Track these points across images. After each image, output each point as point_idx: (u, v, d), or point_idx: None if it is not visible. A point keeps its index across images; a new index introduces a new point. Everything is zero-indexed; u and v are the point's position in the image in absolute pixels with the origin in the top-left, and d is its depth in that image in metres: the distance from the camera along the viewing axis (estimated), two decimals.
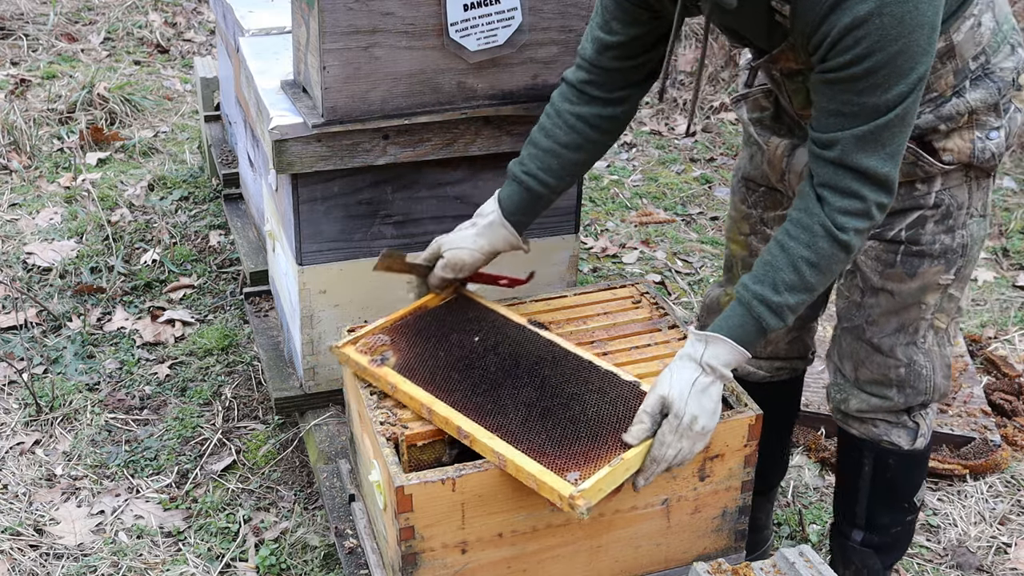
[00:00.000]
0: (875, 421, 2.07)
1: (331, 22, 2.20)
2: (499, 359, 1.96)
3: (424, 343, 2.01)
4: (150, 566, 2.41)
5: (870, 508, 2.16)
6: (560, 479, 1.69)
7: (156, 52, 5.46)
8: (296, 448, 2.74)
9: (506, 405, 1.85)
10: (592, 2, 2.36)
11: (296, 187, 2.40)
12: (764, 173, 2.09)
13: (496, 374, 1.92)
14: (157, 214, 3.80)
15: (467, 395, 1.88)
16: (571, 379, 1.91)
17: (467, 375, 1.92)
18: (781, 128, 2.00)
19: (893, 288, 1.94)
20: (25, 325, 3.21)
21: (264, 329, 2.99)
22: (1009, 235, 3.95)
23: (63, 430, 2.82)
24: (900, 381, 2.02)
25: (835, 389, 2.11)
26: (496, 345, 1.99)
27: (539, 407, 1.84)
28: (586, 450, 1.74)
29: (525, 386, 1.89)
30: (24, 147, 4.24)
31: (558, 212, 2.61)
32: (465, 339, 2.01)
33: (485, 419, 1.82)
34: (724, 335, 1.73)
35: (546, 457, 1.74)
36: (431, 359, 1.97)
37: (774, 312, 1.72)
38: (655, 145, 4.67)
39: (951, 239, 1.90)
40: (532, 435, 1.78)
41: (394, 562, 1.90)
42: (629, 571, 2.01)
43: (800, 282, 1.70)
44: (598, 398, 1.85)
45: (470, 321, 2.06)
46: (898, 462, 2.09)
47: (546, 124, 1.99)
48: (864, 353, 2.02)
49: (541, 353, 1.97)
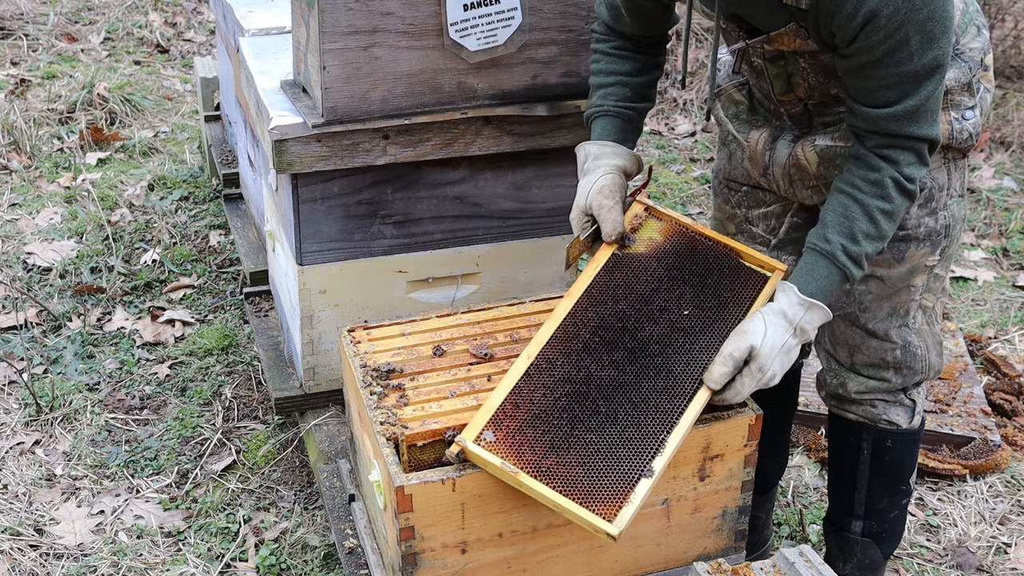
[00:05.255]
0: (873, 401, 2.10)
1: (331, 22, 2.20)
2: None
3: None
4: (150, 566, 2.41)
5: (870, 494, 2.18)
6: (600, 519, 1.67)
7: (156, 52, 5.46)
8: (296, 448, 2.74)
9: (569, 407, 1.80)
10: (592, 2, 2.36)
11: (296, 187, 2.40)
12: (745, 171, 2.10)
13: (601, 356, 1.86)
14: (157, 214, 3.80)
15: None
16: (636, 384, 1.84)
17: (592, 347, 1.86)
18: (758, 120, 2.02)
19: (883, 274, 1.98)
20: (25, 325, 3.21)
21: (264, 329, 2.99)
22: (1009, 235, 3.95)
23: (63, 430, 2.82)
24: (897, 363, 2.05)
25: (831, 375, 2.13)
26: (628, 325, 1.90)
27: (592, 419, 1.79)
28: (612, 482, 1.72)
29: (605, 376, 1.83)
30: (24, 147, 4.24)
31: (558, 212, 2.61)
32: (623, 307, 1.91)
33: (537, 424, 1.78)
34: (820, 299, 1.78)
35: (578, 491, 1.71)
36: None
37: (855, 261, 1.78)
38: (655, 145, 4.67)
39: (934, 221, 1.94)
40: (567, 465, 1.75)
41: (394, 562, 1.90)
42: (629, 571, 2.01)
43: (876, 231, 1.76)
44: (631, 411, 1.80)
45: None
46: (896, 442, 2.12)
47: (601, 66, 2.04)
48: (859, 339, 2.05)
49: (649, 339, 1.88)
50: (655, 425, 1.76)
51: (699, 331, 1.86)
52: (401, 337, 2.12)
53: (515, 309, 2.21)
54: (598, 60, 2.05)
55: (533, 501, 1.84)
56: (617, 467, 1.72)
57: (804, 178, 1.96)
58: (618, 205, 1.94)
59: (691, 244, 1.97)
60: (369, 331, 2.15)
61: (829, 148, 1.90)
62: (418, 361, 2.05)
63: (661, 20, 1.99)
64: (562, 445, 1.74)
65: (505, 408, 1.79)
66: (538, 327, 2.14)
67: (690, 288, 1.91)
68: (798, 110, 1.94)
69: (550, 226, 2.63)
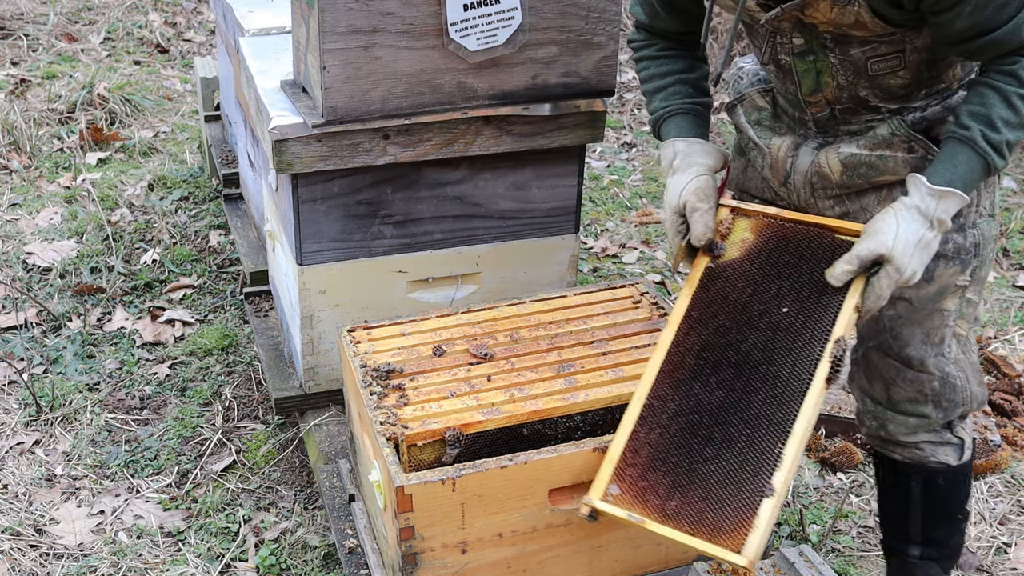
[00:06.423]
0: (919, 444, 1.98)
1: (331, 22, 2.20)
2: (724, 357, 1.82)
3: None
4: (150, 566, 2.41)
5: (925, 526, 2.07)
6: (729, 552, 1.64)
7: (156, 52, 5.46)
8: (296, 448, 2.74)
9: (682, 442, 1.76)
10: (592, 2, 2.36)
11: (296, 187, 2.40)
12: (760, 183, 2.04)
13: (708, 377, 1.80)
14: (157, 214, 3.79)
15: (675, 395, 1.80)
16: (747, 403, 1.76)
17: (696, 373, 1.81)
18: (781, 127, 1.97)
19: (911, 295, 1.88)
20: (25, 325, 3.21)
21: (264, 329, 2.99)
22: (1009, 235, 3.95)
23: (63, 430, 2.82)
24: (935, 395, 1.94)
25: (868, 416, 2.01)
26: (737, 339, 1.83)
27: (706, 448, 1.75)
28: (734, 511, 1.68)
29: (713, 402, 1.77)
30: (24, 147, 4.24)
31: (558, 212, 2.62)
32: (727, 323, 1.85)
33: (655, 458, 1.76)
34: (958, 188, 1.69)
35: (705, 527, 1.68)
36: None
37: (995, 149, 1.69)
38: (655, 145, 4.67)
39: (963, 238, 1.88)
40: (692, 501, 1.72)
41: (394, 562, 1.90)
42: (629, 571, 2.01)
43: (1017, 118, 1.69)
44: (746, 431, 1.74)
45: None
46: (947, 479, 2.02)
47: (653, 70, 2.00)
48: (894, 371, 1.94)
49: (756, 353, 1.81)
50: (769, 439, 1.69)
51: (801, 326, 1.76)
52: (401, 337, 2.12)
53: (515, 309, 2.21)
54: (647, 66, 2.00)
55: (533, 501, 1.84)
56: (738, 493, 1.66)
57: (826, 187, 1.90)
58: (712, 209, 1.87)
59: (781, 233, 1.87)
60: (369, 331, 2.15)
61: (854, 156, 1.84)
62: (418, 361, 2.05)
63: (696, 13, 1.93)
64: (683, 483, 1.70)
65: (625, 457, 1.76)
66: (538, 326, 2.14)
67: (786, 282, 1.81)
68: (824, 114, 1.87)
69: (550, 226, 2.63)
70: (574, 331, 2.12)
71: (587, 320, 2.17)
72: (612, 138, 4.72)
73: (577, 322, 2.16)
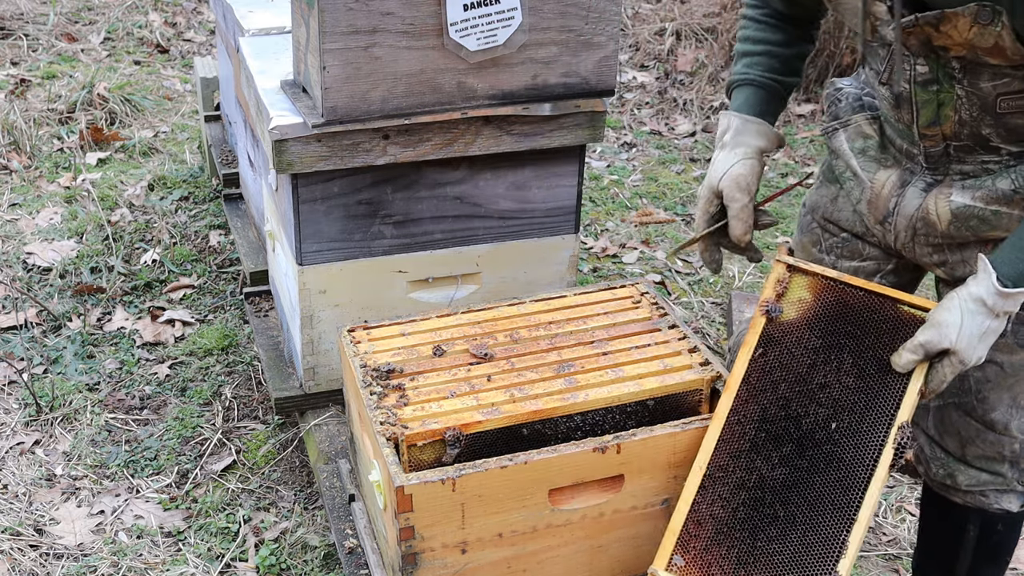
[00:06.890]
0: (984, 492, 1.92)
1: (331, 22, 2.20)
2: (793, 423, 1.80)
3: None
4: (150, 566, 2.41)
5: (973, 568, 2.02)
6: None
7: (156, 52, 5.46)
8: (296, 448, 2.74)
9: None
10: (592, 2, 2.36)
11: (296, 187, 2.40)
12: (852, 216, 1.92)
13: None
14: (157, 214, 3.80)
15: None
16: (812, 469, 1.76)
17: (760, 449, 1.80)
18: (887, 159, 1.83)
19: (1003, 360, 1.80)
20: (25, 325, 3.21)
21: (264, 329, 2.99)
22: None
23: (63, 430, 2.82)
24: (1015, 457, 1.88)
25: (936, 464, 1.93)
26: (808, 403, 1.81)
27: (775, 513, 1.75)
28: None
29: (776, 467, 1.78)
30: (24, 147, 4.24)
31: (558, 212, 2.62)
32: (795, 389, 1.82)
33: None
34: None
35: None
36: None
37: None
38: (655, 145, 4.67)
39: None
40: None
41: (394, 562, 1.90)
42: (629, 571, 2.00)
43: None
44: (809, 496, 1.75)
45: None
46: (1007, 525, 1.96)
47: (750, 33, 1.93)
48: (974, 431, 1.87)
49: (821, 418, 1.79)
50: (834, 525, 1.69)
51: (864, 406, 1.75)
52: (401, 337, 2.12)
53: (515, 309, 2.21)
54: (747, 27, 1.93)
55: (533, 501, 1.84)
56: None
57: (930, 234, 1.78)
58: (750, 204, 1.83)
59: (841, 299, 1.84)
60: (369, 331, 2.15)
61: (966, 208, 1.72)
62: (418, 361, 2.05)
63: (811, 4, 1.86)
64: (748, 559, 1.71)
65: (688, 528, 1.76)
66: (538, 326, 2.14)
67: (848, 356, 1.79)
68: (938, 149, 1.73)
69: (550, 226, 2.63)
70: (574, 331, 2.12)
71: (587, 320, 2.17)
72: (612, 138, 4.72)
73: (577, 322, 2.16)
